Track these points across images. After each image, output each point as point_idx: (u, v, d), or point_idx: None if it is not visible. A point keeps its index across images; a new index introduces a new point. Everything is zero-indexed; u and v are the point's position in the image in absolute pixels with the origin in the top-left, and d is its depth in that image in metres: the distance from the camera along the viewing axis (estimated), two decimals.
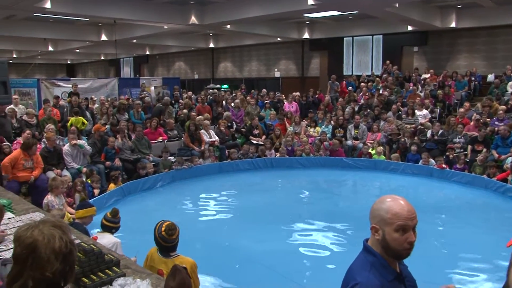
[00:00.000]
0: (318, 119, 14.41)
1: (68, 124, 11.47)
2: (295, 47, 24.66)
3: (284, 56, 25.56)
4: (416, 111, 13.53)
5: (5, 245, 3.66)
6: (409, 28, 18.96)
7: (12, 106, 11.44)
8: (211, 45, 27.11)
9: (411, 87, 15.88)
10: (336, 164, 12.10)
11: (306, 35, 22.75)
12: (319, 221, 8.04)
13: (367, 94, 15.71)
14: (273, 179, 11.56)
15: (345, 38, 22.41)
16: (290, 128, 13.50)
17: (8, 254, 3.34)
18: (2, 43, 24.28)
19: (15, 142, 9.70)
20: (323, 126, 13.73)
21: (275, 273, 5.98)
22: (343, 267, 2.14)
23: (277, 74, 25.72)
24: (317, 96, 17.26)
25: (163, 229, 3.93)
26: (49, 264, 1.64)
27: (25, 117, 11.57)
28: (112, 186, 9.35)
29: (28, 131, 9.89)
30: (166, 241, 3.93)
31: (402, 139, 12.08)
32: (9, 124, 10.66)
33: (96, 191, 8.81)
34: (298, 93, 16.69)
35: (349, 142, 12.83)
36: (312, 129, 13.87)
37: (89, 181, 8.90)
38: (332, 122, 13.69)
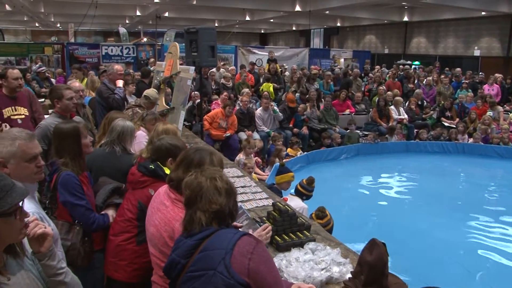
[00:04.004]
0: None
1: (260, 89, 12.15)
2: (502, 22, 21.95)
3: (487, 32, 23.07)
4: None
5: None
6: None
7: (214, 69, 12.48)
8: (405, 18, 25.75)
9: None
10: None
11: None
12: (506, 219, 7.38)
13: None
14: (462, 166, 10.75)
15: None
16: (489, 113, 12.25)
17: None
18: (208, 13, 26.43)
19: (213, 102, 10.57)
20: None
21: (453, 262, 5.77)
22: None
23: (477, 53, 23.41)
24: None
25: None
26: (214, 198, 1.97)
27: (222, 80, 12.53)
28: (289, 150, 9.63)
29: (225, 93, 10.75)
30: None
31: None
32: (209, 85, 11.73)
33: None
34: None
35: None
36: None
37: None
38: None
